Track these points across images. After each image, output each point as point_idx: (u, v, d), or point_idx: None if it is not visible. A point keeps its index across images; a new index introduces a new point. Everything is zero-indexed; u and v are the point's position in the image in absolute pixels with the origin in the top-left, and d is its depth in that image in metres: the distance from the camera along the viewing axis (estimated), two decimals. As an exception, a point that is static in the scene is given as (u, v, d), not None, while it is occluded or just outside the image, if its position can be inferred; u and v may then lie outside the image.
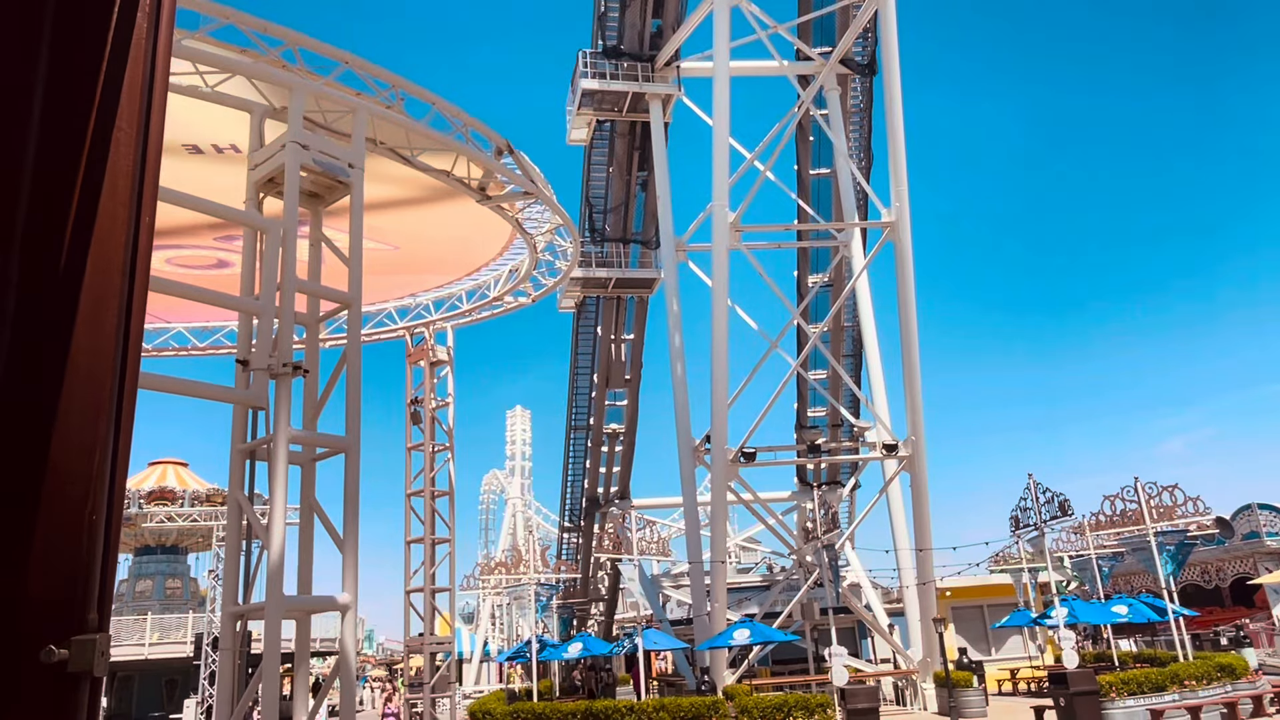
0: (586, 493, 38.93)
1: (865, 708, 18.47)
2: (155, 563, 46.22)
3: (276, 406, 8.95)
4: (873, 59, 31.46)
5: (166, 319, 19.50)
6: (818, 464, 32.78)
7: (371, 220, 11.95)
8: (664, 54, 31.17)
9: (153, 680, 40.76)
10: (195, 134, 12.07)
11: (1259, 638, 32.45)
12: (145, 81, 2.23)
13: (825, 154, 33.05)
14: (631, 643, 25.18)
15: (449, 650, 14.76)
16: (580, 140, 33.71)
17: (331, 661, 38.66)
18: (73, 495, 1.84)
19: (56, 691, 1.72)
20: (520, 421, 73.45)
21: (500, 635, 56.87)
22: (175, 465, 47.96)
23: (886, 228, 26.66)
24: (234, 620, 9.43)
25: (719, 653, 24.88)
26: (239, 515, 9.41)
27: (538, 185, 13.88)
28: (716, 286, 25.67)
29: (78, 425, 1.87)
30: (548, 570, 33.00)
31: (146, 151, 2.20)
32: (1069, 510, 22.90)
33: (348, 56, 10.93)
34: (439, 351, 14.88)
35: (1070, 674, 18.45)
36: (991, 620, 31.69)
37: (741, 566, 45.75)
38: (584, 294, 36.10)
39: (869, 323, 30.73)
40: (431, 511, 14.14)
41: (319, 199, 10.55)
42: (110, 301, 2.02)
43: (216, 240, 15.81)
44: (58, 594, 1.76)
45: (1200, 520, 26.41)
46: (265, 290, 9.13)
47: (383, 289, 18.74)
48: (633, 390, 38.18)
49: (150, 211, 2.23)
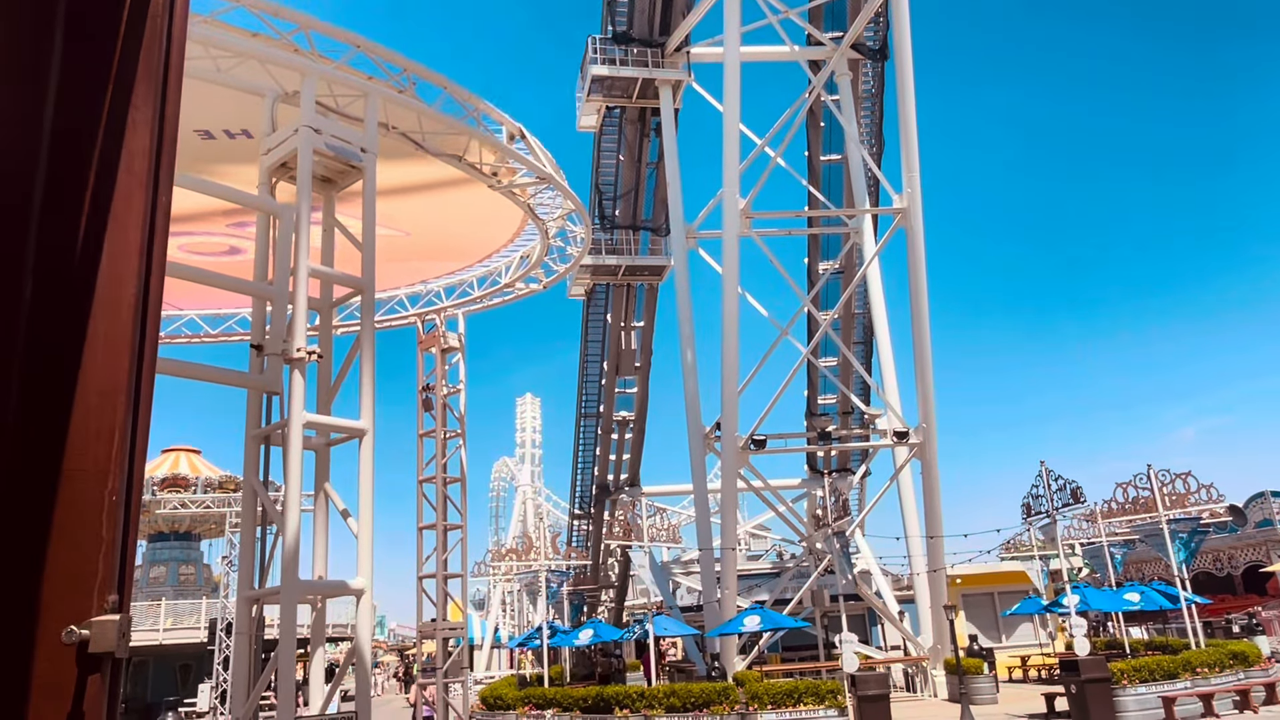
0: (597, 480, 38.99)
1: (875, 694, 18.46)
2: (169, 549, 46.57)
3: (291, 391, 8.97)
4: (884, 44, 31.19)
5: (179, 306, 19.56)
6: (828, 451, 32.74)
7: (383, 206, 11.94)
8: (674, 39, 30.97)
9: (167, 666, 41.14)
10: (208, 119, 12.06)
11: (1271, 625, 32.30)
12: (161, 62, 2.21)
13: (836, 140, 32.83)
14: (642, 629, 25.26)
15: (461, 636, 14.82)
16: (590, 127, 33.58)
17: (344, 647, 38.92)
18: (92, 476, 1.84)
19: (78, 671, 1.73)
20: (530, 409, 73.58)
21: (511, 622, 57.15)
22: (188, 452, 48.26)
23: (898, 214, 26.49)
24: (249, 604, 9.49)
25: (729, 639, 24.92)
26: (254, 500, 9.45)
27: (550, 170, 13.84)
28: (727, 273, 25.58)
29: (96, 407, 1.86)
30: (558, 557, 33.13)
31: (163, 133, 2.19)
32: (1081, 497, 22.77)
33: (359, 40, 10.90)
34: (450, 338, 14.88)
35: (1081, 661, 18.39)
36: (1002, 607, 31.65)
37: (752, 553, 45.83)
38: (594, 281, 36.05)
39: (880, 310, 30.58)
40: (444, 498, 14.18)
41: (331, 184, 10.54)
42: (128, 283, 2.01)
43: (229, 227, 15.82)
44: (78, 575, 1.76)
45: (1213, 508, 26.26)
46: (279, 275, 9.14)
47: (394, 275, 18.75)
48: (643, 377, 38.16)
49: (167, 193, 2.21)
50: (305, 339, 9.02)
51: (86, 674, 1.73)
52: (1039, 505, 23.32)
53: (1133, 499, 25.74)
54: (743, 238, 25.85)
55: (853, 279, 31.14)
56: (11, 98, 1.91)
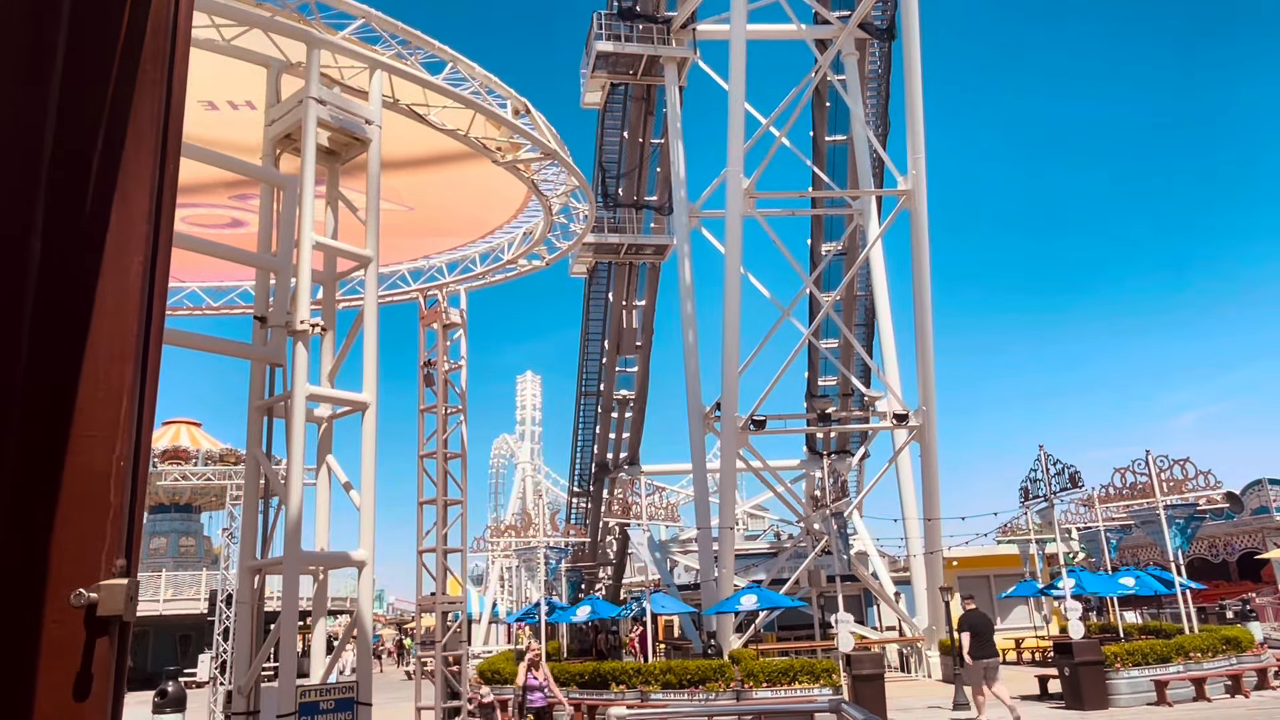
0: (596, 458, 39.10)
1: (870, 674, 18.60)
2: (169, 521, 46.87)
3: (294, 362, 8.98)
4: (892, 23, 30.90)
5: (181, 278, 19.53)
6: (827, 433, 32.77)
7: (387, 180, 11.89)
8: (680, 16, 30.71)
9: (167, 636, 41.50)
10: (211, 90, 11.98)
11: (1265, 611, 32.51)
12: (169, 24, 2.19)
13: (842, 120, 32.62)
14: (640, 606, 25.41)
15: (460, 610, 14.90)
16: (594, 104, 33.36)
17: (344, 620, 39.17)
18: (100, 441, 1.84)
19: (86, 634, 1.74)
20: (530, 386, 73.63)
21: (509, 597, 57.50)
22: (189, 425, 48.46)
23: (903, 195, 26.36)
24: (251, 575, 9.54)
25: (726, 617, 25.08)
26: (256, 470, 9.48)
27: (554, 146, 13.76)
28: (729, 253, 25.50)
29: (104, 371, 1.86)
30: (557, 534, 33.27)
31: (170, 96, 2.17)
32: (1079, 482, 22.84)
33: (365, 10, 10.81)
34: (452, 314, 14.84)
35: (1075, 644, 18.53)
36: (998, 590, 31.83)
37: (749, 533, 46.02)
38: (596, 259, 35.97)
39: (882, 292, 30.53)
40: (444, 473, 14.20)
41: (335, 156, 10.49)
42: (135, 248, 2.00)
43: (231, 199, 15.77)
44: (86, 539, 1.77)
45: (1210, 494, 26.35)
46: (283, 246, 9.11)
47: (396, 250, 18.70)
48: (643, 356, 38.17)
49: (174, 159, 2.20)
50: (309, 311, 9.01)
51: (94, 637, 1.74)
52: (1037, 489, 23.40)
53: (1130, 484, 25.83)
54: (746, 218, 25.75)
55: (855, 261, 31.05)
56: (18, 60, 1.89)
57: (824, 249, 33.74)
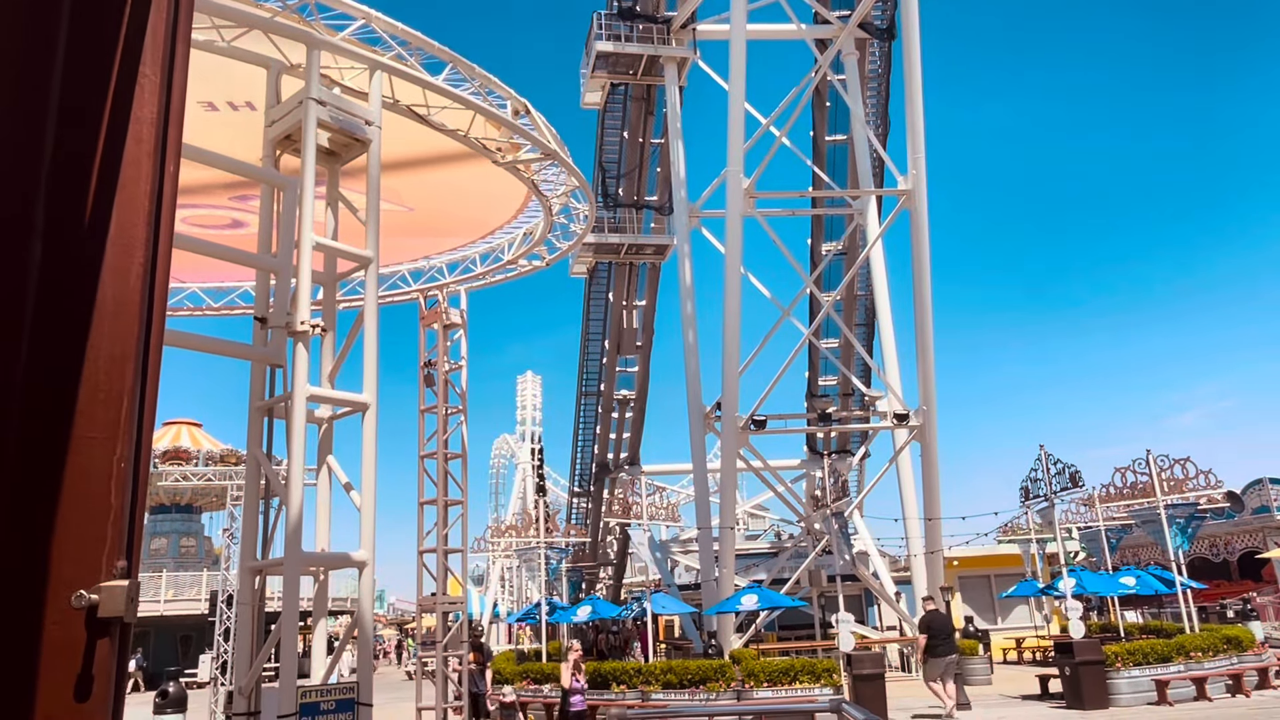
0: (597, 458, 39.10)
1: (871, 674, 18.59)
2: (170, 521, 46.87)
3: (294, 363, 8.98)
4: (892, 23, 30.90)
5: (181, 278, 19.53)
6: (828, 433, 32.76)
7: (386, 181, 11.89)
8: (680, 16, 30.70)
9: (168, 636, 41.50)
10: (211, 91, 11.99)
11: (1266, 611, 32.49)
12: (169, 26, 2.19)
13: (842, 120, 32.60)
14: (640, 606, 25.40)
15: (460, 610, 14.90)
16: (594, 104, 33.36)
17: (344, 621, 39.19)
18: (101, 443, 1.84)
19: (87, 635, 1.74)
20: (531, 387, 73.60)
21: (509, 598, 57.52)
22: (189, 426, 48.47)
23: (903, 195, 26.35)
24: (252, 575, 9.54)
25: (726, 617, 25.07)
26: (257, 471, 9.48)
27: (554, 146, 13.77)
28: (729, 253, 25.49)
29: (105, 372, 1.86)
30: (557, 534, 33.26)
31: (170, 98, 2.17)
32: (1080, 482, 22.82)
33: (365, 11, 10.81)
34: (452, 314, 14.84)
35: (1076, 643, 18.52)
36: (998, 590, 31.82)
37: (750, 533, 45.99)
38: (596, 259, 35.97)
39: (882, 291, 30.51)
40: (444, 473, 14.20)
41: (336, 157, 10.49)
42: (136, 249, 2.00)
43: (231, 200, 15.77)
44: (87, 540, 1.77)
45: (1211, 494, 26.35)
46: (283, 247, 9.11)
47: (397, 251, 18.71)
48: (644, 356, 38.17)
49: (175, 160, 2.20)
50: (309, 312, 9.01)
51: (95, 638, 1.74)
52: (1037, 489, 23.38)
53: (1131, 484, 25.82)
54: (746, 218, 25.73)
55: (856, 260, 31.05)
56: (19, 62, 1.89)
57: (824, 249, 33.73)
